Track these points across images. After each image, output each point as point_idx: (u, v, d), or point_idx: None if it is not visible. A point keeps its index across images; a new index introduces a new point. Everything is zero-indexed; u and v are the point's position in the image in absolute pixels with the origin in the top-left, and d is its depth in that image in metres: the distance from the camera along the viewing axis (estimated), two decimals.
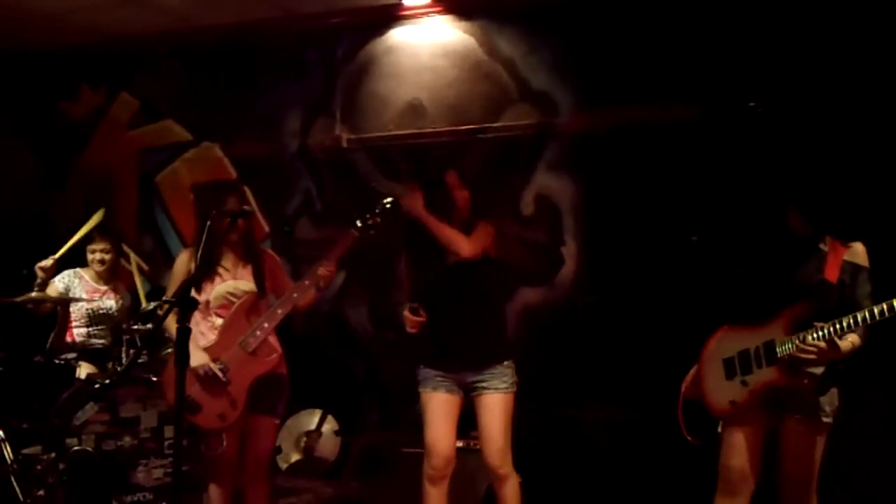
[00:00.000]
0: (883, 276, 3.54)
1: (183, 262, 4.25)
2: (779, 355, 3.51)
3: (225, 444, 4.15)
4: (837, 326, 3.35)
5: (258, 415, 4.19)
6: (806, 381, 3.52)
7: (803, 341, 3.41)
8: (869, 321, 3.28)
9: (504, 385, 3.97)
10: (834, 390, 3.56)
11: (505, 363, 4.00)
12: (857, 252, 3.57)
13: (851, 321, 3.31)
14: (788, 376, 3.52)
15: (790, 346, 3.47)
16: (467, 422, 4.10)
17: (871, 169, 4.64)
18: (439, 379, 4.01)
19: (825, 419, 3.55)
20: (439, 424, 4.00)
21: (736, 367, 3.64)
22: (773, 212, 3.72)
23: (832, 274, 3.50)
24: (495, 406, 3.95)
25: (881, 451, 4.40)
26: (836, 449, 3.63)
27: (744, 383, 3.60)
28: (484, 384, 3.96)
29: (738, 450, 3.60)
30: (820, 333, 3.38)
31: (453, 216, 4.05)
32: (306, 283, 4.12)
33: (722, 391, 3.65)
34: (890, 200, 4.63)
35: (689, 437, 3.72)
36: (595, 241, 5.60)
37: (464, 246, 3.98)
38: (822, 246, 3.59)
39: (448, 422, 4.01)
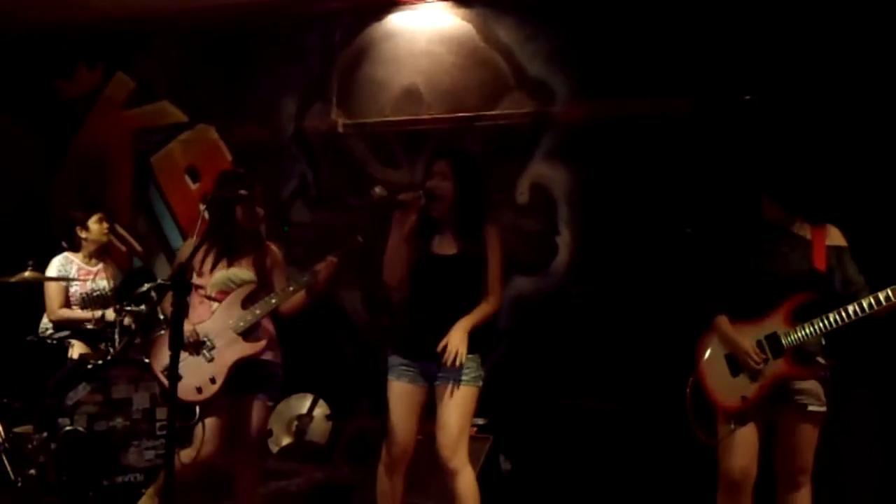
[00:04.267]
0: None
1: (185, 251, 4.27)
2: (785, 346, 3.56)
3: (197, 417, 4.19)
4: (844, 314, 3.44)
5: (247, 395, 4.21)
6: (820, 371, 3.60)
7: (811, 330, 3.49)
8: (876, 307, 3.39)
9: (465, 377, 3.90)
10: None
11: (469, 356, 3.89)
12: (835, 235, 3.67)
13: (857, 308, 3.42)
14: (800, 367, 3.57)
15: (796, 336, 3.53)
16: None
17: (847, 152, 4.67)
18: (403, 368, 3.98)
19: (822, 409, 3.61)
20: (399, 414, 3.96)
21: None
22: (751, 202, 3.75)
23: (821, 262, 3.58)
24: (452, 397, 3.88)
25: (868, 441, 4.43)
26: (827, 440, 3.70)
27: (753, 378, 3.62)
28: (445, 374, 3.91)
29: (741, 450, 3.61)
30: (827, 322, 3.47)
31: (434, 211, 4.00)
32: (304, 279, 4.15)
33: (730, 388, 3.65)
34: (864, 183, 4.69)
35: (702, 438, 3.72)
36: (589, 231, 5.61)
37: (493, 311, 3.98)
38: (799, 232, 3.65)
39: (408, 412, 3.96)
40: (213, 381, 4.07)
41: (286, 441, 5.95)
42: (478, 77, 5.98)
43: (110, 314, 5.34)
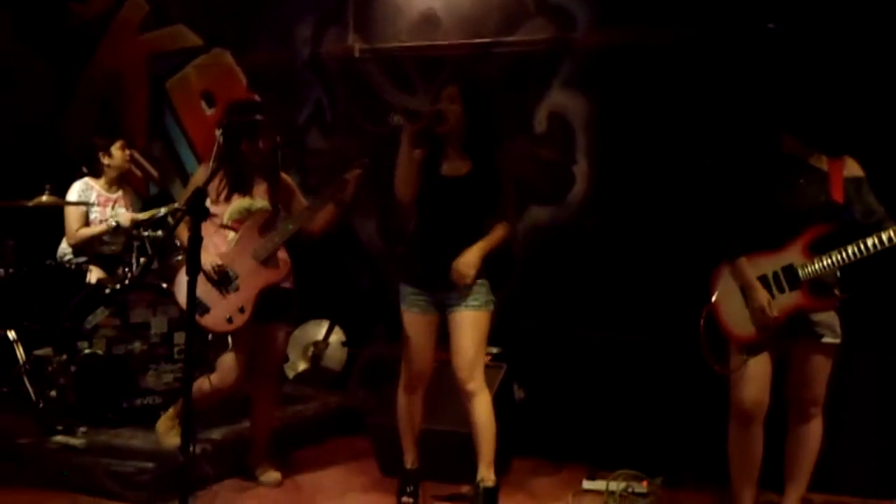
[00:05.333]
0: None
1: (199, 176, 4.28)
2: (802, 278, 3.55)
3: (230, 346, 4.26)
4: (862, 247, 3.44)
5: (268, 323, 4.28)
6: (836, 303, 3.60)
7: (829, 262, 3.49)
8: (895, 241, 3.39)
9: (476, 303, 3.97)
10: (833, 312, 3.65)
11: (478, 281, 3.97)
12: (852, 166, 3.65)
13: (876, 241, 3.42)
14: (816, 299, 3.57)
15: (813, 268, 3.52)
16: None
17: (863, 84, 4.60)
18: (414, 297, 4.03)
19: (836, 340, 3.62)
20: (413, 342, 4.05)
21: None
22: (769, 134, 3.71)
23: (838, 194, 3.57)
24: (465, 322, 3.96)
25: (882, 375, 4.44)
26: (840, 372, 3.73)
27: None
28: (455, 302, 3.97)
29: (753, 381, 3.63)
30: (844, 254, 3.47)
31: (441, 129, 3.98)
32: (318, 203, 4.21)
33: (745, 318, 3.65)
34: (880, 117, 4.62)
35: (716, 368, 3.72)
36: (607, 161, 5.56)
37: (509, 236, 4.05)
38: (817, 164, 3.62)
39: (423, 340, 4.05)
40: (242, 310, 4.14)
41: (302, 367, 6.02)
42: (496, 2, 5.87)
43: (125, 220, 5.36)
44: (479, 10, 5.93)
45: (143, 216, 5.39)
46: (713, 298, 3.76)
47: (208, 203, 4.15)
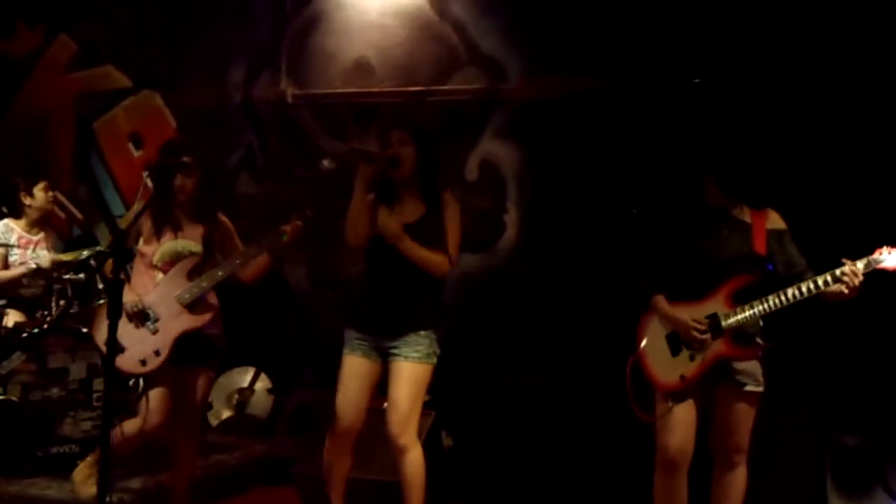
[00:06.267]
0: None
1: (128, 217, 4.21)
2: (724, 328, 3.60)
3: (140, 390, 4.15)
4: (783, 297, 3.49)
5: (190, 368, 4.18)
6: (758, 352, 3.65)
7: (751, 312, 3.54)
8: (814, 292, 3.45)
9: (416, 355, 3.89)
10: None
11: (422, 333, 3.90)
12: (774, 219, 3.72)
13: (796, 292, 3.47)
14: (739, 348, 3.62)
15: (735, 318, 3.57)
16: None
17: (787, 137, 4.78)
18: (357, 342, 3.96)
19: (759, 389, 3.67)
20: (347, 387, 3.95)
21: (681, 342, 3.69)
22: (695, 185, 3.79)
23: (760, 246, 3.63)
24: (402, 374, 3.88)
25: (804, 422, 4.52)
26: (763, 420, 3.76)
27: (692, 357, 3.66)
28: (397, 351, 3.89)
29: (678, 428, 3.65)
30: (766, 305, 3.51)
31: (397, 177, 3.98)
32: (251, 252, 4.13)
33: (670, 367, 3.68)
34: (800, 168, 4.78)
35: (642, 416, 3.74)
36: (537, 210, 5.63)
37: (443, 267, 3.88)
38: (740, 216, 3.70)
39: (357, 386, 3.94)
40: (157, 353, 4.03)
41: (226, 414, 5.91)
42: (430, 51, 5.95)
43: (45, 262, 5.22)
44: (412, 59, 5.99)
45: (64, 257, 5.27)
46: (639, 347, 3.80)
47: (140, 242, 4.10)
